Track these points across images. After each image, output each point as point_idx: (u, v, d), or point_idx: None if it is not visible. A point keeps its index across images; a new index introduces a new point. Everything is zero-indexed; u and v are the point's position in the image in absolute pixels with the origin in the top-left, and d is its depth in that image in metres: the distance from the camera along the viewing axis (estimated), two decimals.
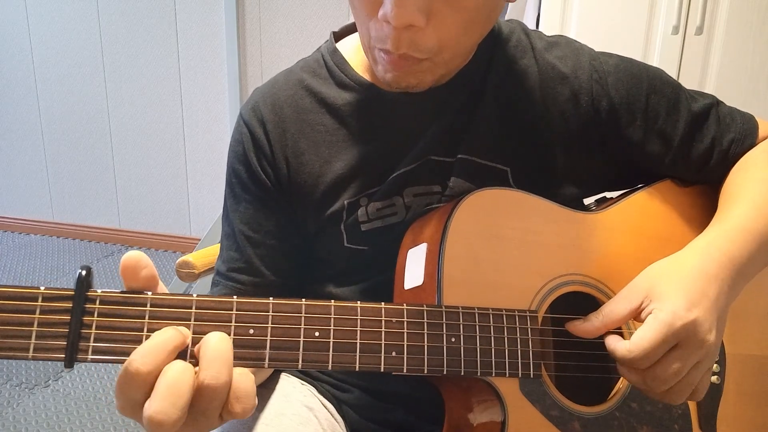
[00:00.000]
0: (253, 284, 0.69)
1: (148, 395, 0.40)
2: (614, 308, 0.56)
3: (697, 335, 0.53)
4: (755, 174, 0.66)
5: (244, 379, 0.43)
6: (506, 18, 0.72)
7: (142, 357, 0.40)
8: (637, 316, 0.56)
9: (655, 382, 0.53)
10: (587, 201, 0.72)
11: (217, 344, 0.42)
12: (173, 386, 0.40)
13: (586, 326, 0.57)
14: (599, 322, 0.56)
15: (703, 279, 0.55)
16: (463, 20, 0.54)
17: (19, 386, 1.86)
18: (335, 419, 0.74)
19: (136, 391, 0.41)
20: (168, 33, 2.70)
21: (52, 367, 1.97)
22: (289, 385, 0.75)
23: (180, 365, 0.41)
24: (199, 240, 1.51)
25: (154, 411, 0.39)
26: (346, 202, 0.66)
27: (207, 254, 0.99)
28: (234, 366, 0.45)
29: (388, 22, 0.52)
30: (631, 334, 0.55)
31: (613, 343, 0.55)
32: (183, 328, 0.44)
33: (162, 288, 0.45)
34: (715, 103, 0.70)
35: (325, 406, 0.74)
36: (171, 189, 2.91)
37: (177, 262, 0.97)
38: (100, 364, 1.99)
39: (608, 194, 0.73)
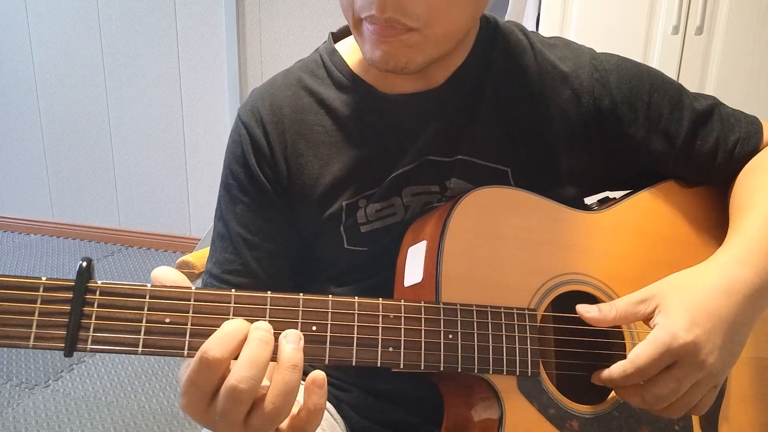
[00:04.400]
0: (249, 286, 0.68)
1: (222, 381, 0.43)
2: (630, 309, 0.56)
3: (697, 357, 0.52)
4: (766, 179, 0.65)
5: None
6: (506, 19, 0.72)
7: (217, 345, 0.43)
8: (646, 321, 0.56)
9: (653, 399, 0.53)
10: (590, 201, 0.72)
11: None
12: (254, 358, 0.43)
13: (598, 317, 0.56)
14: (612, 317, 0.56)
15: (720, 296, 0.54)
16: None
17: (19, 386, 1.86)
18: (335, 419, 0.74)
19: (212, 377, 0.43)
20: (168, 33, 2.70)
21: (52, 367, 1.97)
22: None
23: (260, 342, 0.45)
24: (199, 240, 1.51)
25: (237, 380, 0.42)
26: (344, 204, 0.66)
27: (207, 254, 0.99)
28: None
29: None
30: (634, 344, 0.56)
31: (608, 370, 0.55)
32: (246, 322, 0.46)
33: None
34: (717, 104, 0.70)
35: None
36: (171, 189, 2.91)
37: (177, 262, 0.97)
38: (100, 365, 1.99)
39: (611, 194, 0.72)
